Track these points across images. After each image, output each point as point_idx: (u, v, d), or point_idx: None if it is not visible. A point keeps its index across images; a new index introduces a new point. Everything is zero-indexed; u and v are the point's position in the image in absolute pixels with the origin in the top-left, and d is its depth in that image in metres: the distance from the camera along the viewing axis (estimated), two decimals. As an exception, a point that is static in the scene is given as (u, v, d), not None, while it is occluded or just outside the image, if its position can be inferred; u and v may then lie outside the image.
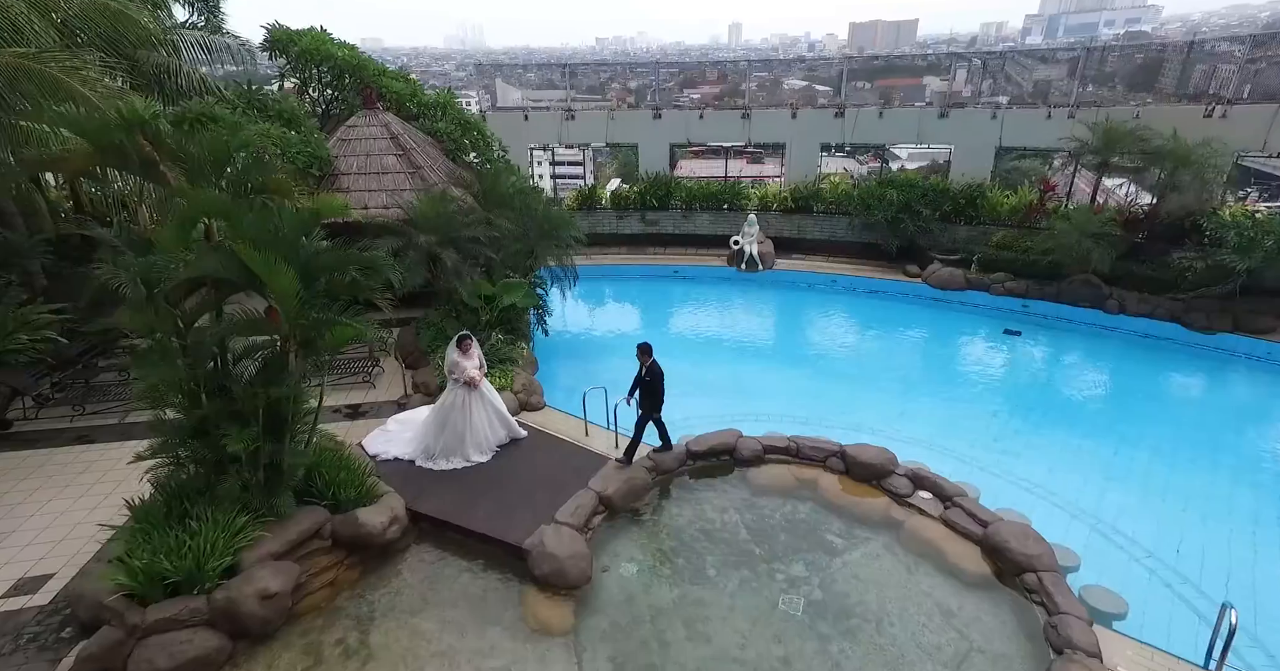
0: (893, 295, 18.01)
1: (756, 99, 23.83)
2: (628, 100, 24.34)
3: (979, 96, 21.40)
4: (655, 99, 23.75)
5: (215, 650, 6.28)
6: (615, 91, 27.08)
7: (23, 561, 7.90)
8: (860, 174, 28.56)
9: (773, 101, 23.14)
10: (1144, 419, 12.38)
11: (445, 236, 11.62)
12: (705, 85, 34.25)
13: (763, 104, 22.36)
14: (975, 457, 10.78)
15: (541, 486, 8.87)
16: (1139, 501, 9.77)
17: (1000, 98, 22.15)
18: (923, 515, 8.47)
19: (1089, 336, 15.82)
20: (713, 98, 27.16)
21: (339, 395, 12.11)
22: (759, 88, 26.14)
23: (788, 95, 26.63)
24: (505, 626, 7.14)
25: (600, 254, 20.44)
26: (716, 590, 7.81)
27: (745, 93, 23.40)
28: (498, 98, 28.77)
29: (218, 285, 6.52)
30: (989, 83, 22.78)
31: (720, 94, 27.65)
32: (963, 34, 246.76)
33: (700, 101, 26.82)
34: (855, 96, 23.98)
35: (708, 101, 26.22)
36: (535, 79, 29.53)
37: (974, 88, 22.49)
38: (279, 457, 7.24)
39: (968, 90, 23.09)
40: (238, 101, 14.64)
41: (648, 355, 8.90)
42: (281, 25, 17.27)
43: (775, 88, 28.07)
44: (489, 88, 28.78)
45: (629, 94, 25.48)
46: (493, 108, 24.33)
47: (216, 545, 6.51)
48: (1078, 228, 15.21)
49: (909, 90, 26.56)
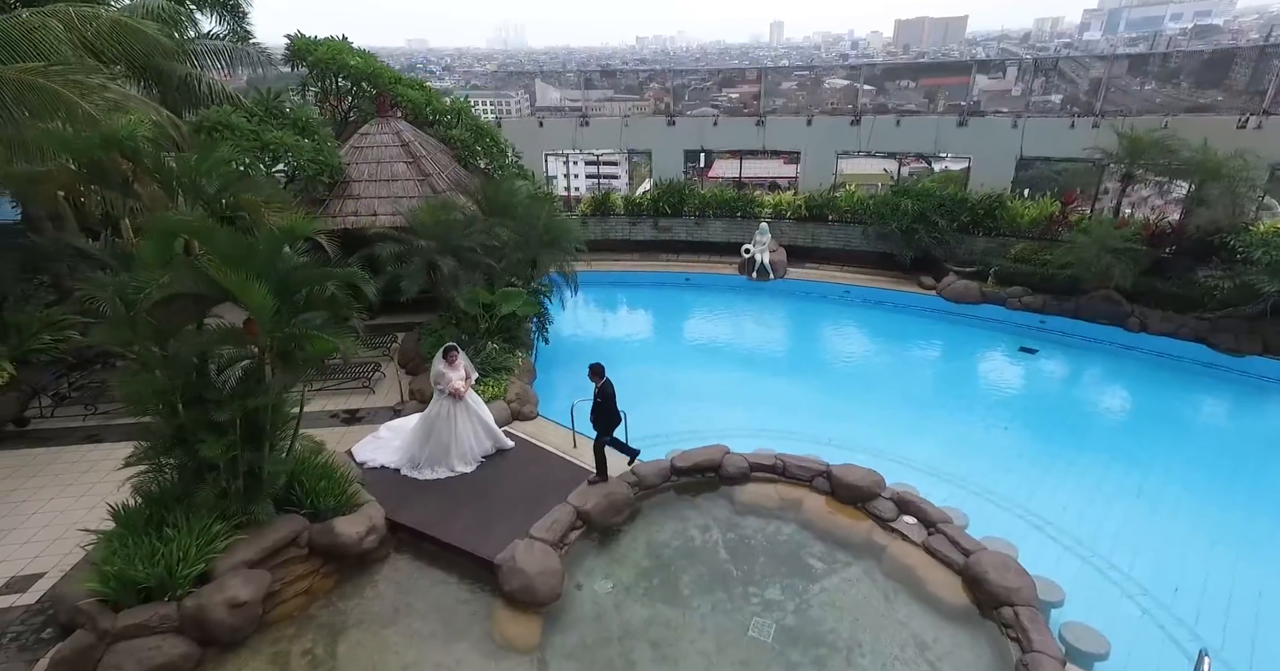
0: (905, 308, 17.63)
1: (797, 98, 23.26)
2: (665, 100, 24.16)
3: (1029, 95, 20.08)
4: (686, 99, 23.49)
5: (183, 657, 6.42)
6: (653, 91, 26.97)
7: (18, 559, 8.18)
8: (902, 175, 27.93)
9: (813, 101, 22.54)
10: (1160, 445, 11.83)
11: (444, 244, 11.72)
12: (744, 85, 33.85)
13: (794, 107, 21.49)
14: (974, 481, 10.45)
15: (523, 499, 8.89)
16: (1141, 533, 9.35)
17: (1053, 96, 20.89)
18: (905, 541, 8.26)
19: (1108, 355, 15.24)
20: (751, 97, 26.74)
21: (339, 400, 12.33)
22: (799, 87, 25.69)
23: (828, 95, 25.83)
24: (472, 641, 7.16)
25: (612, 260, 20.48)
26: (689, 611, 7.73)
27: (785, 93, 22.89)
28: (536, 98, 28.98)
29: (197, 298, 6.66)
30: (1040, 81, 21.38)
31: (758, 94, 27.15)
32: (1014, 30, 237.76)
33: (739, 101, 26.58)
34: (899, 96, 23.18)
35: (746, 101, 25.96)
36: (574, 79, 29.69)
37: (1024, 86, 21.12)
38: (258, 466, 7.38)
39: (1018, 89, 21.80)
40: (256, 109, 14.98)
41: (599, 376, 8.85)
42: (303, 34, 17.67)
43: (816, 87, 27.46)
44: (528, 88, 29.06)
45: (667, 94, 25.33)
46: (532, 108, 24.40)
47: (189, 552, 6.65)
48: (1098, 242, 14.70)
49: (955, 89, 25.10)
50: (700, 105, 24.38)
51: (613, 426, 9.06)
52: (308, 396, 12.25)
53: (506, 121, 21.09)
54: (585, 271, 19.59)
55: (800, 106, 22.29)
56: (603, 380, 8.85)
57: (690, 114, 22.12)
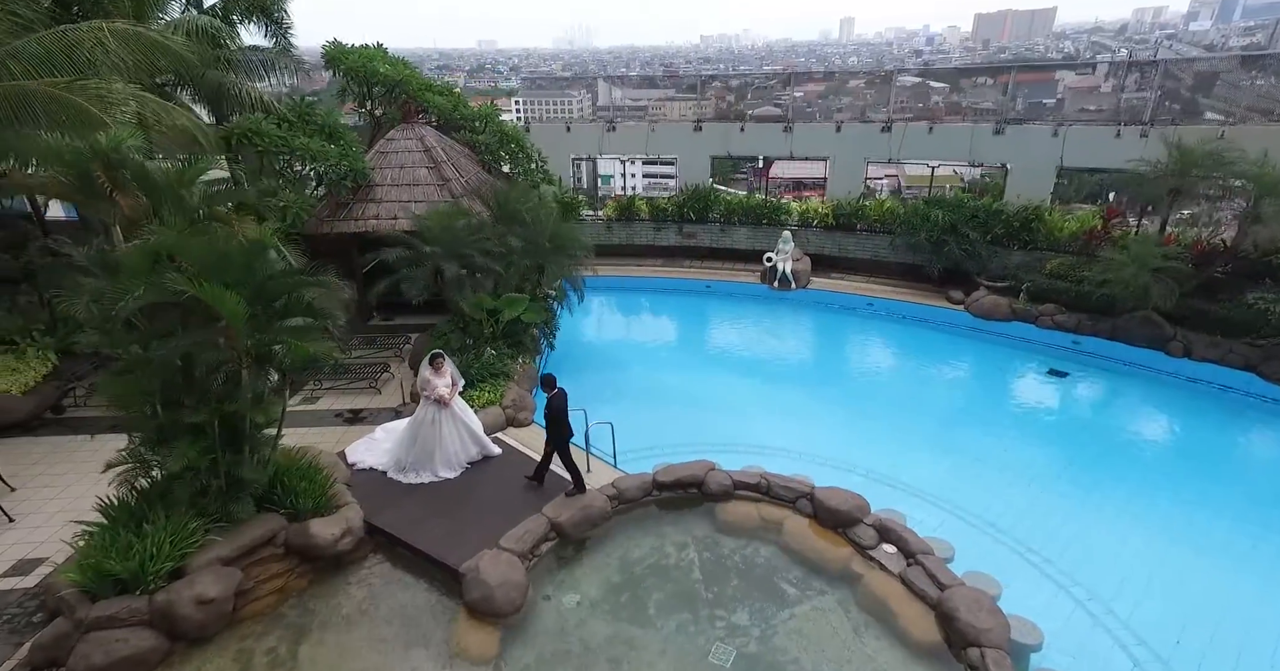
0: (929, 323, 16.99)
1: (864, 98, 22.63)
2: (727, 98, 23.94)
3: (1120, 92, 18.52)
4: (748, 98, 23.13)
5: (150, 650, 6.69)
6: (715, 90, 26.82)
7: (28, 543, 8.69)
8: (972, 177, 26.94)
9: (880, 100, 21.81)
10: (1197, 485, 10.91)
11: (449, 250, 11.91)
12: (810, 83, 33.30)
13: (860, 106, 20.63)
14: (974, 511, 9.95)
15: (500, 508, 8.95)
16: (1148, 579, 8.70)
17: (1146, 93, 18.74)
18: (883, 571, 7.96)
19: (1145, 381, 14.29)
20: (816, 96, 26.25)
21: (346, 399, 12.67)
22: (867, 85, 25.13)
23: (897, 93, 25.02)
24: (430, 649, 7.24)
25: (636, 265, 20.45)
26: (652, 631, 7.63)
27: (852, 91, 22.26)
28: (599, 97, 29.23)
29: (179, 305, 6.93)
30: (1135, 77, 19.39)
31: (825, 92, 26.59)
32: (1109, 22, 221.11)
33: (803, 99, 26.13)
34: (974, 94, 22.26)
35: (810, 100, 25.52)
36: (637, 79, 29.87)
37: (1116, 83, 19.31)
38: (237, 467, 7.64)
39: (1108, 86, 20.19)
40: (290, 116, 15.56)
41: (549, 387, 8.82)
42: (339, 42, 18.25)
43: (885, 85, 26.70)
44: (591, 88, 29.40)
45: (729, 93, 25.09)
46: (594, 108, 24.54)
47: (162, 548, 6.93)
48: (1136, 260, 13.84)
49: (1036, 87, 23.38)
50: (763, 104, 23.97)
51: (564, 439, 8.99)
52: (315, 395, 12.84)
53: (535, 126, 21.26)
54: (607, 276, 19.73)
55: (867, 105, 21.45)
56: (553, 391, 8.80)
57: (751, 114, 21.65)
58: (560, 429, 8.83)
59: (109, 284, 6.14)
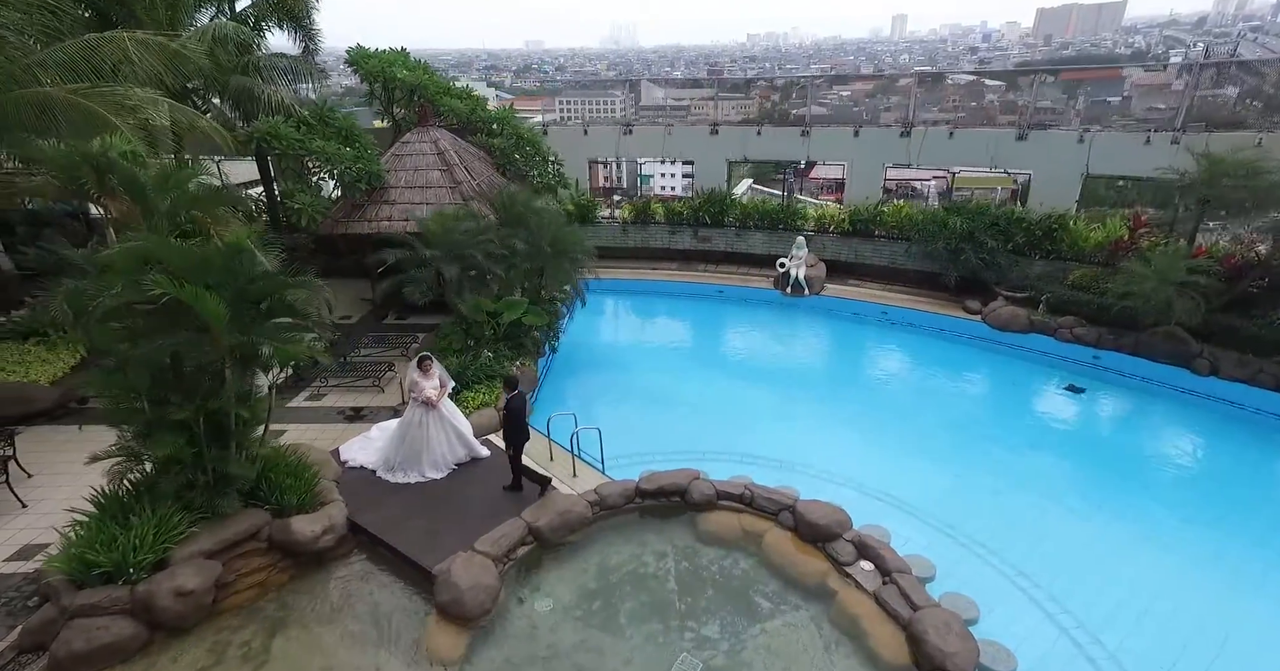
0: (943, 333, 16.58)
1: (914, 97, 22.12)
2: (771, 98, 23.80)
3: (1194, 89, 16.99)
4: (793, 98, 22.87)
5: (129, 638, 6.93)
6: (760, 89, 26.74)
7: (37, 529, 9.08)
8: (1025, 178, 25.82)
9: (931, 99, 21.30)
10: (1208, 509, 10.40)
11: (450, 252, 12.08)
12: (858, 82, 32.91)
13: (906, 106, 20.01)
14: (968, 531, 9.60)
15: (480, 510, 9.04)
16: (1143, 609, 8.31)
17: (1229, 89, 17.96)
18: (858, 588, 7.80)
19: (1167, 400, 13.66)
20: (864, 95, 25.87)
21: (350, 397, 12.93)
22: (918, 84, 24.70)
23: (950, 92, 24.26)
24: (399, 649, 7.35)
25: (650, 269, 20.45)
26: (620, 639, 7.62)
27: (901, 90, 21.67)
28: (642, 97, 29.30)
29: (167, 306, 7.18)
30: (1211, 73, 18.04)
31: (873, 91, 26.27)
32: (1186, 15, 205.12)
33: (850, 98, 25.79)
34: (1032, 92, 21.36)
35: (858, 98, 25.17)
36: (681, 79, 29.87)
37: (1190, 80, 17.50)
38: (223, 463, 7.88)
39: (1180, 83, 18.52)
40: (309, 119, 15.98)
41: (510, 388, 8.93)
42: (362, 47, 18.69)
43: (937, 84, 26.06)
44: (633, 88, 29.58)
45: (774, 92, 24.97)
46: (636, 108, 24.61)
47: (145, 540, 7.19)
48: (1159, 273, 13.29)
49: (1100, 85, 22.14)
50: (806, 104, 23.62)
51: (520, 442, 9.07)
52: (321, 391, 13.14)
53: (553, 129, 21.41)
54: (621, 279, 19.85)
55: (916, 105, 20.80)
56: (513, 393, 8.89)
57: (795, 113, 21.37)
58: (517, 430, 8.92)
59: (89, 284, 6.39)
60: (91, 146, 6.75)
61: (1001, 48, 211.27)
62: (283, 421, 12.10)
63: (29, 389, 12.14)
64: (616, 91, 37.25)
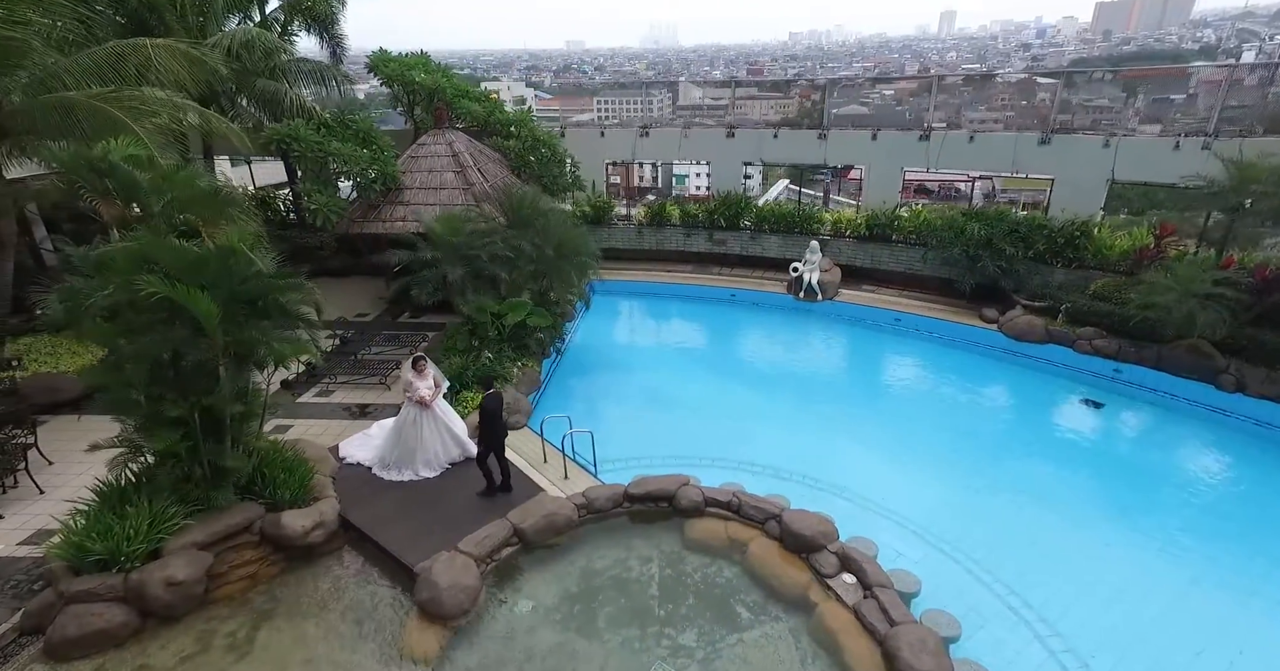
0: (957, 341, 16.21)
1: (959, 95, 21.63)
2: (812, 97, 23.60)
3: (1268, 85, 16.13)
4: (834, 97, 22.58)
5: (120, 625, 7.19)
6: (801, 88, 26.65)
7: (50, 514, 9.49)
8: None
9: (980, 98, 20.81)
10: (1229, 536, 9.88)
11: (455, 253, 12.25)
12: (901, 81, 32.38)
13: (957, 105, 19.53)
14: (965, 548, 9.38)
15: (468, 510, 9.15)
16: (1137, 632, 8.05)
17: None
18: (838, 602, 7.70)
19: (1191, 418, 13.10)
20: (907, 94, 25.44)
21: (357, 394, 13.19)
22: (964, 82, 24.14)
23: (999, 90, 23.44)
24: (377, 646, 7.49)
25: (665, 271, 20.44)
26: (597, 644, 7.65)
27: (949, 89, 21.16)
28: (679, 97, 29.30)
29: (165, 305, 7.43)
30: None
31: (916, 90, 25.80)
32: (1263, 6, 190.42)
33: (893, 97, 25.43)
34: (1088, 89, 20.47)
35: (900, 97, 24.80)
36: (720, 78, 29.95)
37: (1264, 75, 16.57)
38: (219, 457, 8.12)
39: (1253, 79, 17.50)
40: (329, 121, 16.37)
41: (485, 387, 9.06)
42: (385, 51, 19.05)
43: (985, 84, 25.38)
44: (672, 88, 29.66)
45: (814, 91, 24.77)
46: (674, 108, 24.54)
47: (140, 530, 7.45)
48: (1182, 284, 12.81)
49: (1162, 82, 20.90)
50: (848, 103, 23.43)
51: (492, 443, 9.14)
52: (330, 388, 13.44)
53: (570, 131, 21.53)
54: (634, 281, 19.90)
55: (963, 103, 20.38)
56: (488, 392, 8.99)
57: (836, 112, 21.14)
58: (488, 433, 9.00)
59: (84, 283, 6.66)
60: (94, 150, 7.03)
61: (1056, 44, 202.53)
62: (292, 416, 12.44)
63: (58, 379, 12.62)
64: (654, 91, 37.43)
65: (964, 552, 9.33)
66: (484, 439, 9.11)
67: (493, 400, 8.94)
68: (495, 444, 9.16)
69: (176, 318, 7.56)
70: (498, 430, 9.08)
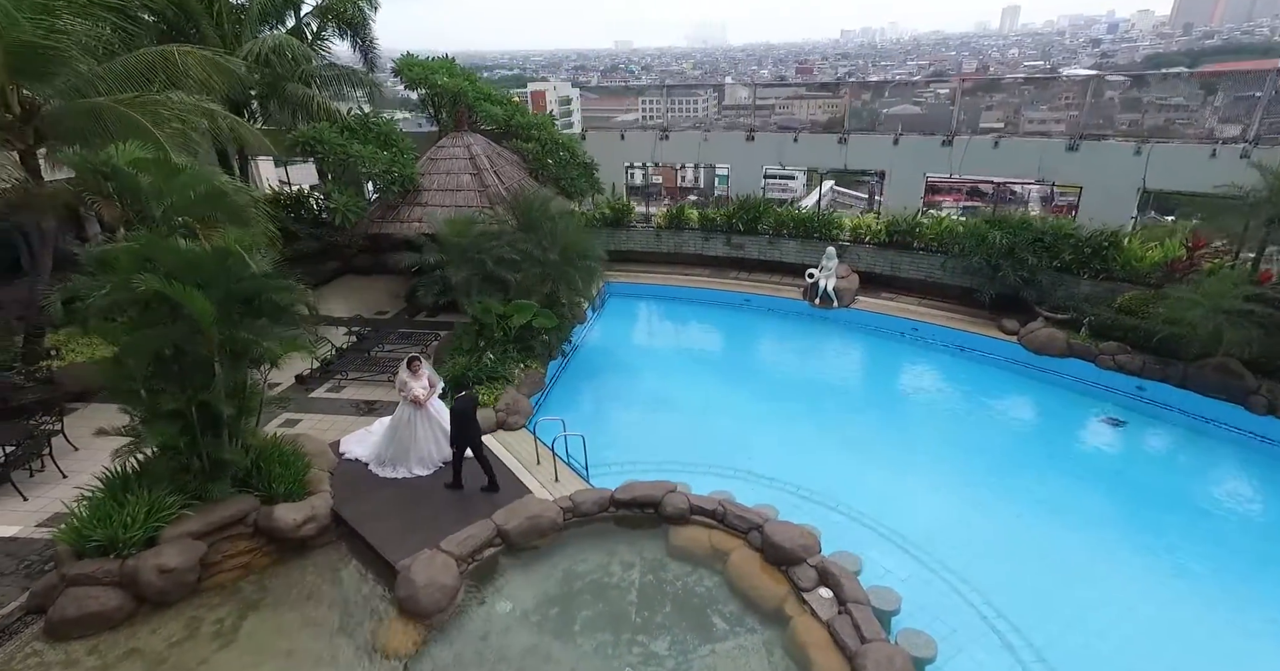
0: (974, 353, 15.78)
1: (1022, 95, 20.99)
2: (862, 97, 23.29)
3: None
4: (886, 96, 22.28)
5: (115, 608, 7.55)
6: (850, 87, 26.44)
7: (68, 498, 9.98)
8: None
9: (1043, 98, 20.30)
10: (1249, 566, 9.37)
11: (460, 256, 12.47)
12: (958, 78, 31.58)
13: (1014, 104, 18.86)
14: (955, 567, 9.11)
15: (455, 509, 9.32)
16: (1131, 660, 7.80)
17: None
18: (813, 616, 7.60)
19: (1218, 441, 12.44)
20: (964, 92, 24.76)
21: (367, 390, 13.54)
22: (1026, 80, 23.34)
23: (1064, 87, 22.35)
24: (354, 640, 7.69)
25: (683, 274, 20.41)
26: (569, 648, 7.72)
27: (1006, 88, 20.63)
28: (725, 97, 29.26)
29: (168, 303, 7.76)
30: None
31: (973, 88, 25.11)
32: None
33: (948, 96, 24.83)
34: (1163, 87, 19.53)
35: (954, 97, 24.20)
36: (769, 75, 29.92)
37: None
38: (216, 450, 8.45)
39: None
40: (352, 124, 16.82)
41: (457, 388, 9.41)
42: (411, 55, 19.48)
43: (1048, 83, 24.51)
44: (718, 88, 29.66)
45: (865, 90, 24.50)
46: (719, 108, 24.60)
47: (137, 518, 7.81)
48: (1210, 299, 12.25)
49: (1242, 80, 18.80)
50: (899, 102, 23.04)
51: (463, 443, 9.36)
52: (342, 384, 13.82)
53: (591, 134, 21.66)
54: (651, 284, 19.93)
55: (1023, 102, 19.74)
56: (461, 393, 9.30)
57: (885, 112, 20.87)
58: (462, 430, 9.24)
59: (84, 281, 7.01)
60: (101, 154, 7.42)
61: (1129, 39, 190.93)
62: (303, 410, 12.84)
63: (92, 369, 13.27)
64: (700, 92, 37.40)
65: (954, 572, 9.09)
66: (454, 439, 9.38)
67: (462, 401, 9.18)
68: (466, 444, 9.37)
69: (177, 315, 7.91)
70: (468, 431, 9.28)
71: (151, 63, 12.05)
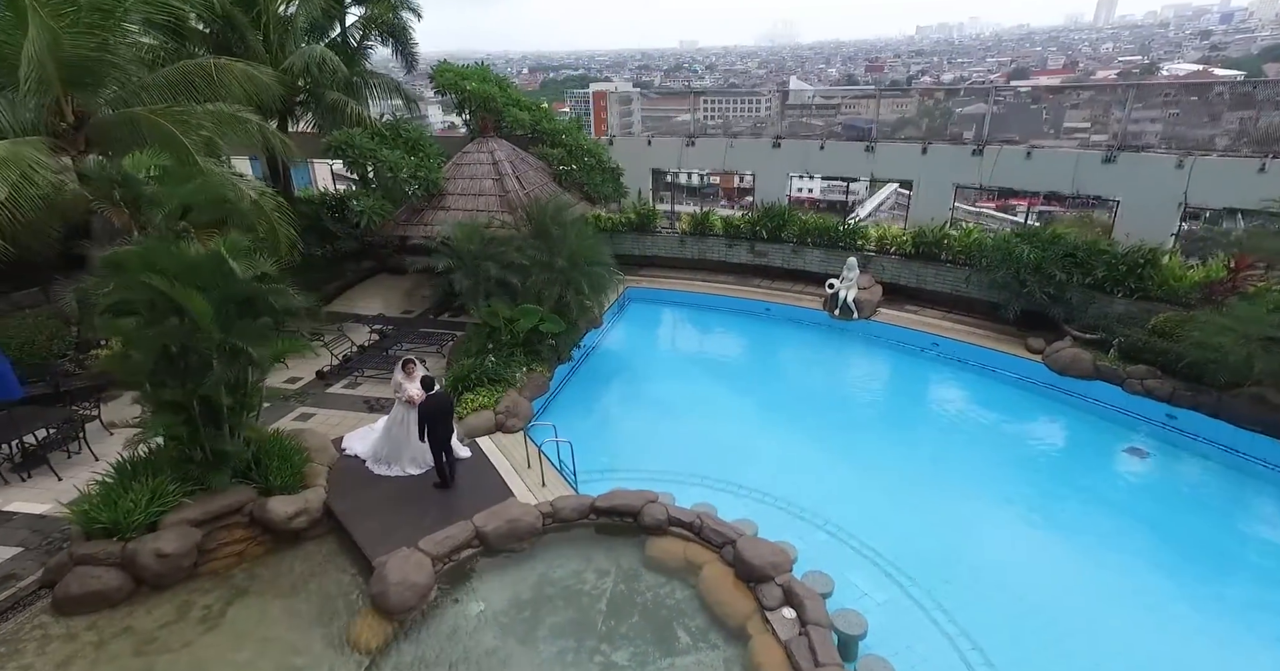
0: (996, 373, 15.22)
1: (1113, 94, 20.08)
2: (936, 95, 22.69)
3: None
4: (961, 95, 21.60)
5: (115, 589, 8.10)
6: (924, 84, 25.98)
7: (74, 483, 10.66)
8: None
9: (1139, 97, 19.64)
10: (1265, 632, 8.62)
11: (468, 260, 12.81)
12: (1043, 75, 30.38)
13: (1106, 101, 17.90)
14: (940, 598, 8.85)
15: (439, 510, 9.61)
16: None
17: None
18: (772, 636, 7.55)
19: (1251, 477, 11.63)
20: (1045, 91, 23.55)
21: (379, 388, 14.05)
22: (1119, 75, 22.05)
23: (1165, 84, 21.18)
24: (328, 632, 8.03)
25: (705, 281, 20.37)
26: (532, 653, 7.88)
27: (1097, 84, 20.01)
28: (790, 96, 29.11)
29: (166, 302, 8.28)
30: None
31: (1062, 85, 23.99)
32: None
33: (1032, 94, 24.07)
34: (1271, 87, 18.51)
35: (1039, 94, 23.38)
36: (836, 74, 29.80)
37: None
38: (217, 442, 8.96)
39: None
40: (382, 129, 17.43)
41: (428, 387, 9.66)
42: (448, 62, 20.06)
43: (1147, 74, 23.05)
44: (782, 86, 29.52)
45: (938, 91, 23.92)
46: (782, 108, 24.81)
47: (140, 504, 8.36)
48: (1241, 325, 11.54)
49: None
50: (974, 101, 22.25)
51: (432, 441, 9.72)
52: (358, 381, 14.37)
53: (618, 140, 21.78)
54: (672, 290, 19.97)
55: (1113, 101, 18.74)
56: (431, 392, 9.62)
57: (960, 112, 20.35)
58: (432, 429, 9.59)
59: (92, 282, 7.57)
60: (86, 163, 7.99)
61: (1246, 29, 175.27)
62: (319, 405, 13.44)
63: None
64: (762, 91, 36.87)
65: (935, 602, 8.86)
66: (420, 435, 9.76)
67: (429, 403, 9.50)
68: (433, 442, 9.74)
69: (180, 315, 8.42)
70: (435, 430, 9.64)
71: (190, 75, 12.82)
